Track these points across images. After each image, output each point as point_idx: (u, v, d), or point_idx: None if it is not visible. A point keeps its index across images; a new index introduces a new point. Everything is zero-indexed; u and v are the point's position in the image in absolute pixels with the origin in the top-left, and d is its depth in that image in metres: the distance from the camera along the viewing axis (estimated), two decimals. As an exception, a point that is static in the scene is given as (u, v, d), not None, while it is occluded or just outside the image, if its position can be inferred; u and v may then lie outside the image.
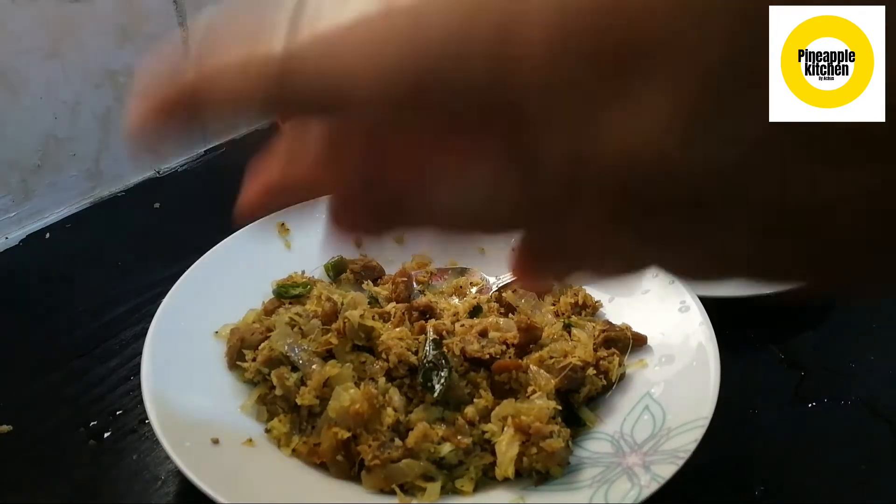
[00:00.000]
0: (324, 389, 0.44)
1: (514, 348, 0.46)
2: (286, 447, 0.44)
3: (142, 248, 0.67)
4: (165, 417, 0.41)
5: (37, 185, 0.70)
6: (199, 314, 0.50)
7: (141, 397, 0.42)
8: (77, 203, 0.73)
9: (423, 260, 0.59)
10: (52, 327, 0.58)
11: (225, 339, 0.50)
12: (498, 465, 0.41)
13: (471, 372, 0.45)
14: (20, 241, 0.69)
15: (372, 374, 0.45)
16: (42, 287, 0.63)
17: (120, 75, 0.74)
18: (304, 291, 0.54)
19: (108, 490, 0.45)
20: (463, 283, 0.56)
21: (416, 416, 0.43)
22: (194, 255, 0.54)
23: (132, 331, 0.57)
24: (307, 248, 0.59)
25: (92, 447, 0.47)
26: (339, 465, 0.42)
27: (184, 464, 0.38)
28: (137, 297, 0.60)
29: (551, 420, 0.42)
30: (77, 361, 0.54)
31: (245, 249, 0.56)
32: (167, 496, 0.44)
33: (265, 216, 0.38)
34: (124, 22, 0.72)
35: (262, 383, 0.47)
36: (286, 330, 0.48)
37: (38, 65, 0.67)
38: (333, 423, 0.43)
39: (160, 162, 0.79)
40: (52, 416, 0.49)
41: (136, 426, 0.49)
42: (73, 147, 0.72)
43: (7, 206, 0.68)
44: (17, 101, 0.66)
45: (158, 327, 0.47)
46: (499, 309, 0.52)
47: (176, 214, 0.73)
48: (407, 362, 0.45)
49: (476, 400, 0.44)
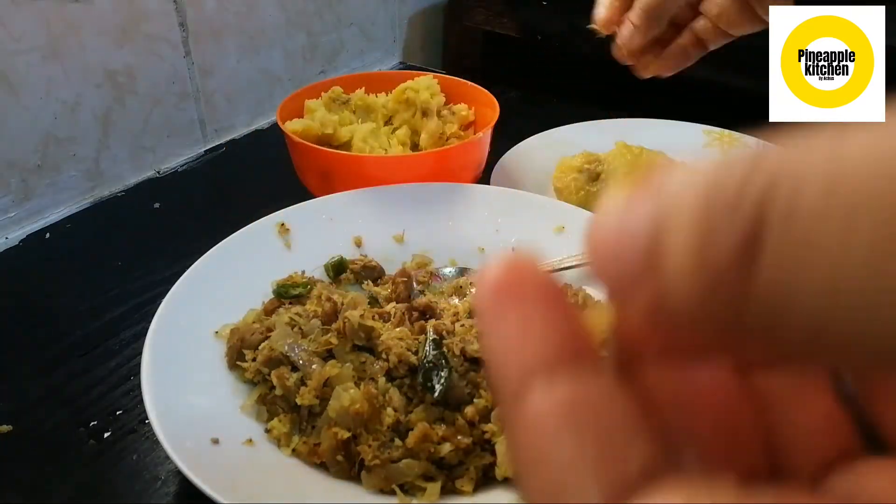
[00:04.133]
0: (324, 389, 0.44)
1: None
2: (286, 447, 0.44)
3: (142, 248, 0.67)
4: (165, 417, 0.41)
5: (37, 185, 0.70)
6: (199, 314, 0.50)
7: (141, 397, 0.42)
8: (77, 203, 0.73)
9: (423, 260, 0.60)
10: (52, 327, 0.58)
11: (225, 339, 0.50)
12: (498, 465, 0.41)
13: (471, 372, 0.45)
14: (20, 241, 0.69)
15: (372, 374, 0.45)
16: (42, 287, 0.63)
17: (120, 75, 0.74)
18: (304, 291, 0.54)
19: (108, 490, 0.45)
20: (463, 283, 0.56)
21: (416, 416, 0.43)
22: (194, 255, 0.54)
23: (132, 331, 0.57)
24: (307, 248, 0.59)
25: (92, 447, 0.47)
26: (339, 465, 0.42)
27: (184, 464, 0.38)
28: (137, 297, 0.60)
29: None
30: (77, 361, 0.54)
31: (245, 249, 0.56)
32: (167, 496, 0.44)
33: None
34: (124, 22, 0.72)
35: (262, 383, 0.47)
36: (286, 330, 0.48)
37: (38, 65, 0.67)
38: (333, 423, 0.43)
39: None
40: (52, 416, 0.49)
41: (136, 426, 0.49)
42: (73, 147, 0.72)
43: (7, 206, 0.68)
44: (17, 101, 0.66)
45: (158, 327, 0.47)
46: (499, 309, 0.52)
47: (176, 214, 0.73)
48: (407, 362, 0.45)
49: (476, 400, 0.44)
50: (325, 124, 0.68)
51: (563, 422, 0.13)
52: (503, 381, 0.14)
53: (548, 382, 0.13)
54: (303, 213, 0.60)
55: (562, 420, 0.13)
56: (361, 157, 0.66)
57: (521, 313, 0.14)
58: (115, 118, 0.75)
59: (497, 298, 0.14)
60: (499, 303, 0.14)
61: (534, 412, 0.13)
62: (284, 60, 0.91)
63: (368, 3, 1.01)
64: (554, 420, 0.13)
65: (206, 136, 0.85)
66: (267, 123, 0.90)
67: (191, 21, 0.78)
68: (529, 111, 0.70)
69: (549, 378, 0.13)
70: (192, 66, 0.80)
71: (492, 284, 0.14)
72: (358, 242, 0.61)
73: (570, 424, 0.13)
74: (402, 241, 0.61)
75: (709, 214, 0.12)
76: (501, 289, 0.14)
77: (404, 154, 0.68)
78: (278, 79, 0.91)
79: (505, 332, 0.14)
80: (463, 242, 0.60)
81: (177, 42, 0.78)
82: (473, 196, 0.63)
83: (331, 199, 0.62)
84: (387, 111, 0.74)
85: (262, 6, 0.86)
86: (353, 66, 1.01)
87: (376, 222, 0.61)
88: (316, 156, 0.65)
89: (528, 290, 0.14)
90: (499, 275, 0.14)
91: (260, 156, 0.85)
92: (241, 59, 0.86)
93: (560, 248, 0.56)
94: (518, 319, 0.14)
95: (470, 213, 0.62)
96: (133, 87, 0.75)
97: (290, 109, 0.71)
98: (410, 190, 0.62)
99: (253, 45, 0.87)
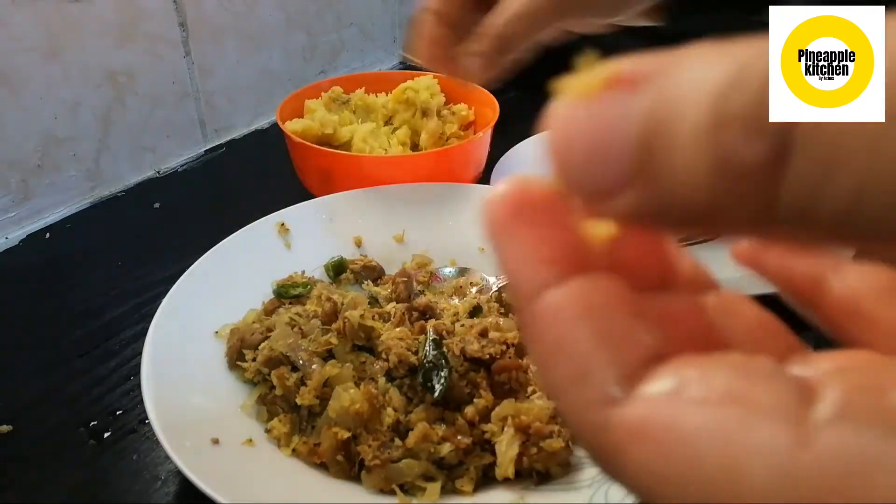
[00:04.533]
0: (324, 389, 0.44)
1: (514, 348, 0.46)
2: (286, 447, 0.44)
3: (142, 248, 0.67)
4: (165, 417, 0.41)
5: (37, 185, 0.70)
6: (199, 314, 0.50)
7: (141, 397, 0.42)
8: (77, 203, 0.73)
9: (423, 260, 0.60)
10: (52, 327, 0.58)
11: (225, 339, 0.50)
12: (498, 465, 0.41)
13: (471, 372, 0.45)
14: (20, 241, 0.69)
15: (372, 374, 0.45)
16: (42, 287, 0.63)
17: (120, 75, 0.74)
18: (304, 291, 0.54)
19: (108, 490, 0.45)
20: (463, 283, 0.56)
21: (416, 416, 0.43)
22: (194, 255, 0.54)
23: (132, 331, 0.57)
24: (307, 248, 0.59)
25: (92, 447, 0.47)
26: (339, 465, 0.42)
27: (184, 464, 0.38)
28: (137, 297, 0.60)
29: (551, 420, 0.42)
30: (77, 361, 0.54)
31: (245, 249, 0.56)
32: (167, 496, 0.44)
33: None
34: (124, 22, 0.72)
35: (262, 383, 0.47)
36: (286, 330, 0.48)
37: (38, 65, 0.67)
38: (333, 423, 0.43)
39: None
40: (52, 416, 0.49)
41: (136, 426, 0.49)
42: (73, 147, 0.72)
43: (7, 206, 0.68)
44: (17, 101, 0.66)
45: (158, 327, 0.47)
46: (499, 309, 0.52)
47: (176, 214, 0.73)
48: (407, 362, 0.45)
49: (476, 400, 0.44)
50: (325, 124, 0.68)
51: (578, 312, 0.14)
52: (519, 287, 0.15)
53: (561, 282, 0.14)
54: (303, 213, 0.60)
55: (577, 311, 0.14)
56: (361, 157, 0.66)
57: (532, 228, 0.15)
58: (115, 118, 0.75)
59: (507, 217, 0.15)
60: (508, 221, 0.15)
61: (550, 306, 0.14)
62: (284, 60, 0.91)
63: (368, 3, 1.01)
64: (569, 311, 0.14)
65: (206, 136, 0.85)
66: (267, 123, 0.90)
67: (191, 21, 0.78)
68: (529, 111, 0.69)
69: (562, 278, 0.14)
70: (192, 66, 0.80)
71: (500, 203, 0.15)
72: (358, 242, 0.61)
73: (585, 314, 0.14)
74: (402, 241, 0.61)
75: (723, 121, 0.12)
76: (509, 207, 0.15)
77: (404, 154, 0.68)
78: (278, 79, 0.91)
79: (518, 246, 0.15)
80: (463, 242, 0.60)
81: (177, 42, 0.78)
82: (473, 196, 0.63)
83: (331, 199, 0.62)
84: (387, 111, 0.74)
85: (262, 6, 0.86)
86: (353, 66, 1.01)
87: (376, 222, 0.61)
88: (316, 156, 0.65)
89: (536, 206, 0.15)
90: (506, 194, 0.15)
91: (260, 156, 0.85)
92: (241, 59, 0.86)
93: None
94: (529, 234, 0.15)
95: (470, 213, 0.62)
96: (133, 87, 0.75)
97: (290, 109, 0.71)
98: (410, 190, 0.63)
99: (253, 45, 0.87)
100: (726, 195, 0.12)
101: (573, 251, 0.15)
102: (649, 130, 0.12)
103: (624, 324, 0.14)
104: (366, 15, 1.01)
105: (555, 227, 0.15)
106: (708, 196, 0.12)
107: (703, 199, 0.12)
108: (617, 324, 0.14)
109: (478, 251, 0.60)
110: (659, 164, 0.12)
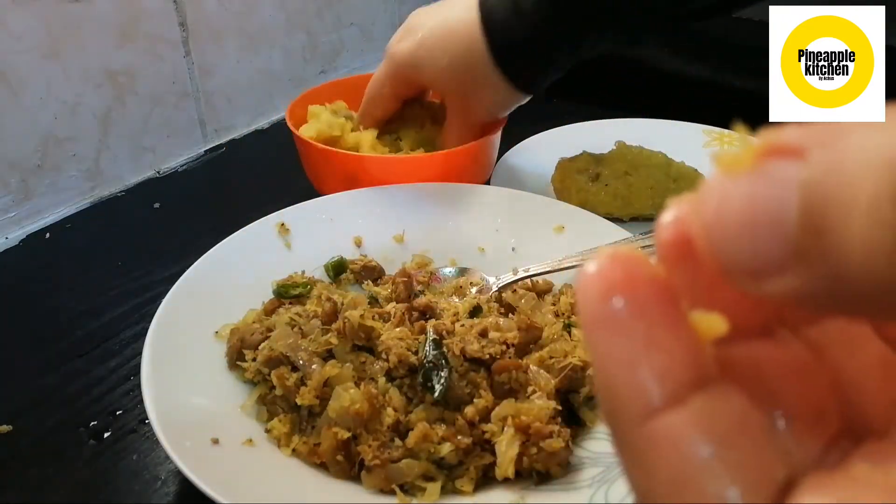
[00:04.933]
0: (324, 389, 0.44)
1: (515, 348, 0.46)
2: (286, 447, 0.44)
3: (142, 248, 0.67)
4: (165, 417, 0.41)
5: (37, 185, 0.70)
6: (199, 314, 0.50)
7: (141, 397, 0.42)
8: (77, 203, 0.73)
9: (423, 260, 0.60)
10: (52, 327, 0.58)
11: (225, 339, 0.50)
12: (498, 465, 0.41)
13: (471, 372, 0.45)
14: (20, 241, 0.69)
15: (372, 374, 0.45)
16: (42, 287, 0.63)
17: (120, 75, 0.74)
18: (304, 291, 0.54)
19: (108, 490, 0.45)
20: (463, 283, 0.56)
21: (416, 416, 0.43)
22: (194, 255, 0.54)
23: (132, 331, 0.57)
24: (307, 248, 0.59)
25: (92, 447, 0.47)
26: (339, 465, 0.42)
27: (184, 464, 0.38)
28: (137, 297, 0.60)
29: (551, 420, 0.42)
30: (77, 361, 0.54)
31: (245, 249, 0.56)
32: (167, 496, 0.44)
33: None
34: (124, 22, 0.72)
35: (262, 383, 0.47)
36: (286, 330, 0.48)
37: (38, 65, 0.67)
38: (333, 423, 0.43)
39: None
40: (52, 416, 0.49)
41: (136, 426, 0.49)
42: (73, 147, 0.72)
43: (7, 206, 0.68)
44: (17, 101, 0.66)
45: (158, 327, 0.47)
46: (499, 309, 0.52)
47: (176, 214, 0.73)
48: (407, 362, 0.45)
49: (476, 400, 0.44)
50: (333, 126, 0.68)
51: (703, 440, 0.12)
52: (623, 402, 0.13)
53: (679, 402, 0.12)
54: (303, 213, 0.60)
55: (702, 440, 0.12)
56: (388, 158, 0.65)
57: (639, 322, 0.13)
58: (115, 118, 0.75)
59: (606, 304, 0.13)
60: (610, 311, 0.13)
61: (670, 434, 0.12)
62: (284, 60, 0.91)
63: (368, 3, 1.01)
64: (693, 441, 0.12)
65: (206, 136, 0.85)
66: (267, 123, 0.90)
67: (191, 21, 0.78)
68: (529, 111, 0.69)
69: (679, 396, 0.12)
70: (192, 66, 0.80)
71: (598, 283, 0.13)
72: (358, 242, 0.61)
73: (712, 442, 0.12)
74: (402, 241, 0.61)
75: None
76: (610, 290, 0.13)
77: (418, 154, 0.67)
78: (278, 79, 0.91)
79: (623, 347, 0.13)
80: (463, 242, 0.60)
81: (177, 42, 0.78)
82: (473, 196, 0.63)
83: (331, 199, 0.62)
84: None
85: (262, 6, 0.86)
86: (353, 66, 1.01)
87: (376, 222, 0.61)
88: (343, 160, 0.64)
89: (643, 294, 0.13)
90: (605, 274, 0.13)
91: (260, 156, 0.85)
92: (241, 59, 0.86)
93: (560, 248, 0.56)
94: (637, 331, 0.12)
95: (470, 213, 0.62)
96: (133, 87, 0.75)
97: (298, 116, 0.70)
98: (410, 190, 0.62)
99: (253, 45, 0.87)
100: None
101: (687, 354, 0.13)
102: (815, 204, 0.11)
103: (754, 452, 0.12)
104: (366, 15, 1.01)
105: (666, 322, 0.13)
106: (891, 274, 0.11)
107: (885, 278, 0.11)
108: (747, 453, 0.12)
109: (478, 251, 0.60)
110: (829, 241, 0.11)
